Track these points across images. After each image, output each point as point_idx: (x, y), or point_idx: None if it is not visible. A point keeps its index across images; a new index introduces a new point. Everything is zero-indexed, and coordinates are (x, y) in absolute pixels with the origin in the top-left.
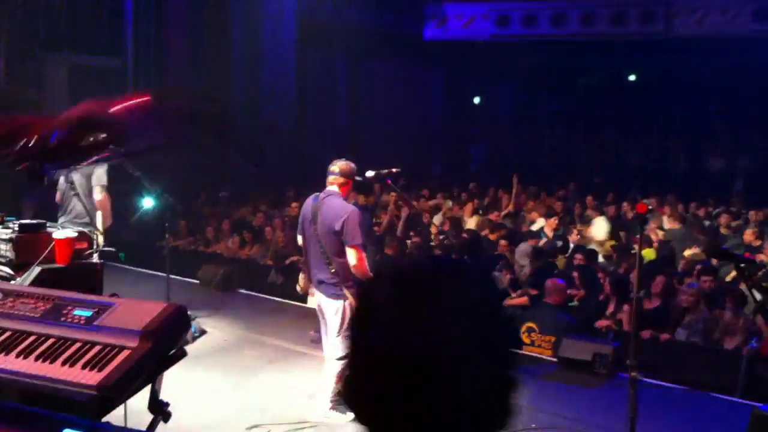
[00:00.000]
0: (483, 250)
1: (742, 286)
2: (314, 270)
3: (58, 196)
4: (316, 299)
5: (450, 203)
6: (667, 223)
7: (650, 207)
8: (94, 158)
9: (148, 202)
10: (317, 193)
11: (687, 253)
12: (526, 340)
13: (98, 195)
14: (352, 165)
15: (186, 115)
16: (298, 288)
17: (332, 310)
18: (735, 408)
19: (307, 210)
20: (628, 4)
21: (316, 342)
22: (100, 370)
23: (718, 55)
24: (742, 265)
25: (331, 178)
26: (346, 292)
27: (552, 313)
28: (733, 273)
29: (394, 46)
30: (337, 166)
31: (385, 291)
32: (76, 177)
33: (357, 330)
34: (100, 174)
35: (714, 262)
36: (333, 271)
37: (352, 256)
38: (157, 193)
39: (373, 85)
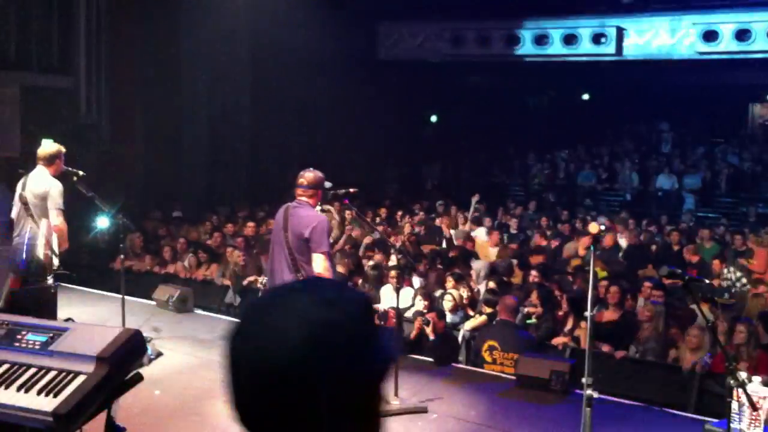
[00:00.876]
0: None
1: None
2: (280, 279)
3: (13, 212)
4: None
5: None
6: (624, 240)
7: (603, 227)
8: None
9: (102, 222)
10: (289, 203)
11: (641, 272)
12: (488, 359)
13: (56, 219)
14: (320, 174)
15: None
16: None
17: None
18: (688, 424)
19: (279, 218)
20: (579, 26)
21: None
22: (55, 396)
23: (667, 76)
24: (690, 283)
25: (299, 191)
26: None
27: (512, 331)
28: None
29: (348, 65)
30: (304, 178)
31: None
32: (30, 197)
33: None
34: (55, 196)
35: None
36: (301, 278)
37: (318, 262)
38: (111, 214)
39: (326, 104)
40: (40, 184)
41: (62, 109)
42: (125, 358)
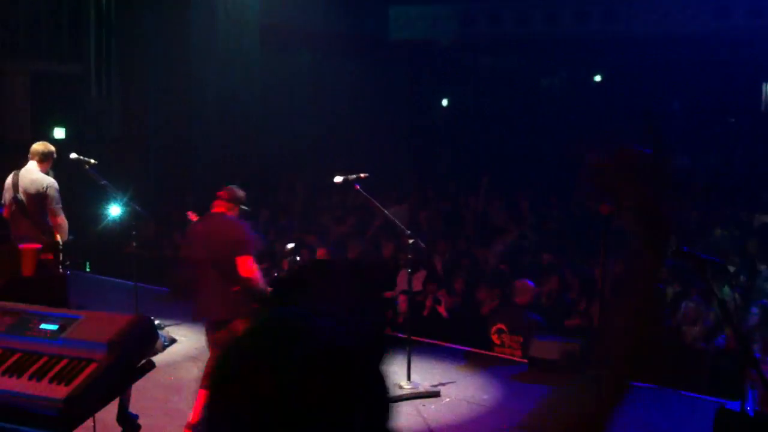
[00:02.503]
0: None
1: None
2: (210, 297)
3: (5, 212)
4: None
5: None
6: None
7: (613, 209)
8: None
9: (114, 210)
10: (209, 213)
11: None
12: (497, 341)
13: (56, 216)
14: (241, 193)
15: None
16: None
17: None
18: (702, 405)
19: (198, 231)
20: (591, 3)
21: None
22: (67, 384)
23: (680, 53)
24: (701, 263)
25: (216, 203)
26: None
27: (520, 313)
28: None
29: (358, 48)
30: (225, 191)
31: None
32: (24, 197)
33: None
34: (53, 195)
35: None
36: (236, 290)
37: (244, 264)
38: (124, 201)
39: (336, 87)
40: (35, 184)
41: (73, 96)
42: (137, 346)
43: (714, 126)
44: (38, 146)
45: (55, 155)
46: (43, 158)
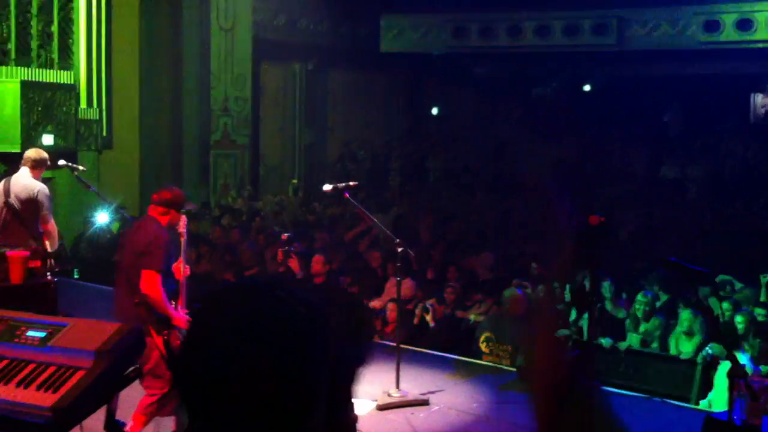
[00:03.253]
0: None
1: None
2: (117, 298)
3: None
4: None
5: None
6: None
7: (602, 219)
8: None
9: (102, 218)
10: (138, 220)
11: None
12: (485, 350)
13: (47, 222)
14: (176, 193)
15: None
16: None
17: None
18: (691, 415)
19: (125, 235)
20: (581, 17)
21: None
22: (55, 392)
23: (670, 66)
24: (690, 274)
25: (150, 207)
26: (149, 327)
27: (510, 322)
28: None
29: (350, 58)
30: (158, 193)
31: (213, 313)
32: (16, 202)
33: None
34: (43, 201)
35: None
36: (137, 302)
37: (145, 279)
38: (112, 208)
39: (329, 97)
40: (26, 189)
41: (62, 105)
42: (125, 353)
43: (704, 137)
44: (31, 153)
45: (48, 162)
46: (36, 165)
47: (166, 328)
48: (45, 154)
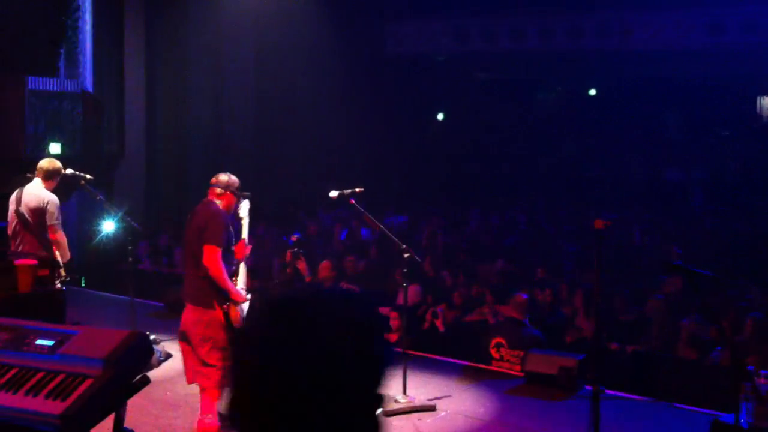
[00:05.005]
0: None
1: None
2: (185, 274)
3: (9, 229)
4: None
5: None
6: None
7: (608, 223)
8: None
9: (108, 226)
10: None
11: None
12: (495, 356)
13: (56, 232)
14: (231, 179)
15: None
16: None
17: (196, 319)
18: (696, 418)
19: (189, 217)
20: (585, 19)
21: None
22: (63, 399)
23: (674, 68)
24: (693, 278)
25: (208, 191)
26: (214, 301)
27: (519, 327)
28: None
29: (354, 63)
30: (215, 177)
31: (268, 317)
32: (26, 212)
33: (240, 354)
34: (53, 212)
35: None
36: (201, 277)
37: (206, 253)
38: (119, 216)
39: (332, 103)
40: (36, 198)
41: (68, 112)
42: (133, 361)
43: (708, 140)
44: (43, 163)
45: (61, 172)
46: (48, 176)
47: (226, 301)
48: (58, 164)
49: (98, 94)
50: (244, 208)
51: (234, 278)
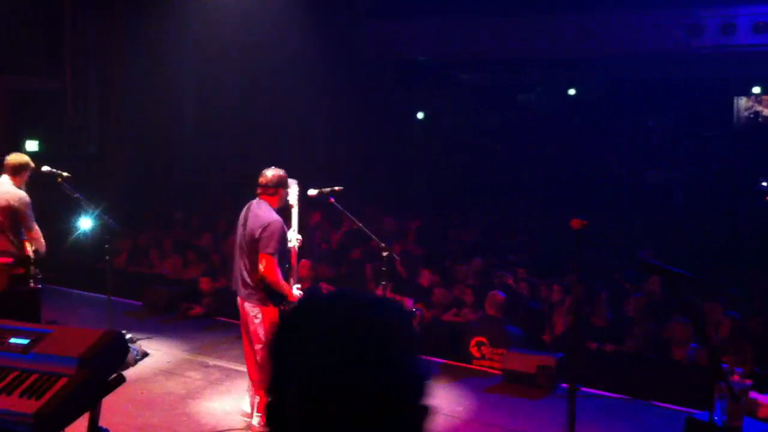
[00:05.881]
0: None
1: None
2: (239, 275)
3: None
4: (240, 307)
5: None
6: None
7: (585, 223)
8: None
9: (85, 223)
10: (252, 201)
11: None
12: (476, 354)
13: (30, 230)
14: (280, 173)
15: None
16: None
17: (253, 316)
18: (673, 416)
19: (241, 216)
20: (566, 22)
21: None
22: (38, 399)
23: (653, 70)
24: (670, 276)
25: (260, 190)
26: (269, 300)
27: (500, 326)
28: None
29: (337, 64)
30: (264, 176)
31: (306, 321)
32: None
33: (279, 359)
34: (24, 210)
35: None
36: (258, 278)
37: (262, 263)
38: (96, 214)
39: (315, 104)
40: (4, 196)
41: (50, 112)
42: (108, 360)
43: (689, 141)
44: (9, 158)
45: (31, 167)
46: (16, 171)
47: (282, 302)
48: (26, 158)
49: (79, 92)
50: (293, 194)
51: (290, 279)
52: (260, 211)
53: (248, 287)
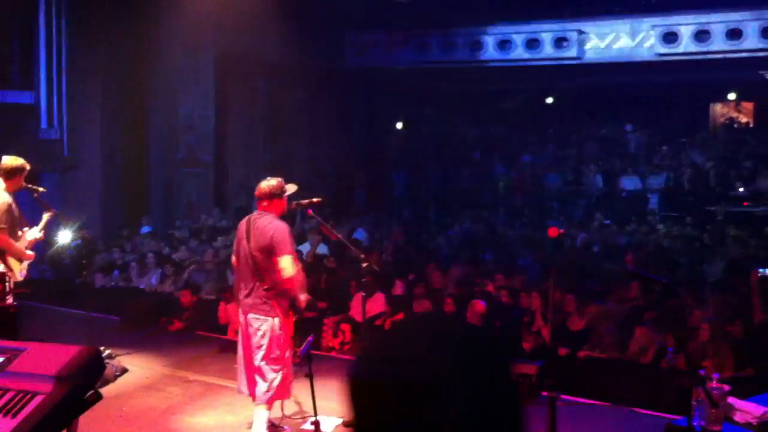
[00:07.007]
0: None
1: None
2: (245, 289)
3: None
4: (241, 319)
5: None
6: None
7: (561, 231)
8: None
9: (64, 237)
10: (251, 215)
11: None
12: None
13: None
14: (273, 183)
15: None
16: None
17: (260, 328)
18: (652, 422)
19: (242, 230)
20: (540, 31)
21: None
22: (13, 417)
23: (629, 77)
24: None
25: (257, 203)
26: (278, 310)
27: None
28: None
29: (315, 74)
30: (259, 189)
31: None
32: None
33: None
34: None
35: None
36: (266, 288)
37: (284, 263)
38: (74, 228)
39: (293, 114)
40: None
41: (23, 124)
42: (85, 377)
43: (665, 147)
44: (3, 161)
45: (26, 170)
46: (8, 174)
47: (296, 312)
48: (20, 161)
49: (52, 105)
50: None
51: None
52: (265, 222)
53: (254, 297)
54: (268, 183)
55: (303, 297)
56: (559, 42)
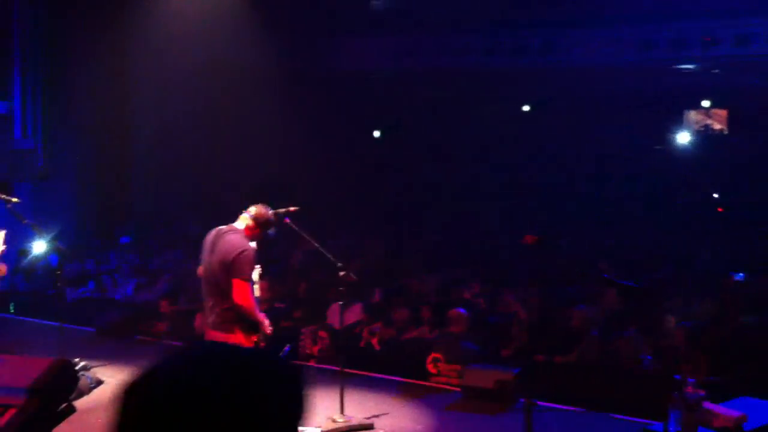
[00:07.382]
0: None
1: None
2: (207, 303)
3: None
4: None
5: None
6: None
7: (537, 239)
8: None
9: (38, 247)
10: (221, 226)
11: None
12: (433, 371)
13: None
14: (269, 214)
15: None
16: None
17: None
18: (629, 427)
19: (209, 241)
20: (526, 37)
21: None
22: None
23: (609, 84)
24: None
25: (242, 216)
26: (238, 332)
27: (456, 342)
28: None
29: (291, 81)
30: (254, 208)
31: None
32: None
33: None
34: None
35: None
36: (225, 308)
37: (237, 286)
38: (48, 239)
39: (270, 121)
40: None
41: None
42: (58, 389)
43: (643, 153)
44: None
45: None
46: None
47: (255, 333)
48: None
49: (26, 115)
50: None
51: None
52: (233, 238)
53: (215, 315)
54: (260, 210)
55: (264, 320)
56: (544, 49)
